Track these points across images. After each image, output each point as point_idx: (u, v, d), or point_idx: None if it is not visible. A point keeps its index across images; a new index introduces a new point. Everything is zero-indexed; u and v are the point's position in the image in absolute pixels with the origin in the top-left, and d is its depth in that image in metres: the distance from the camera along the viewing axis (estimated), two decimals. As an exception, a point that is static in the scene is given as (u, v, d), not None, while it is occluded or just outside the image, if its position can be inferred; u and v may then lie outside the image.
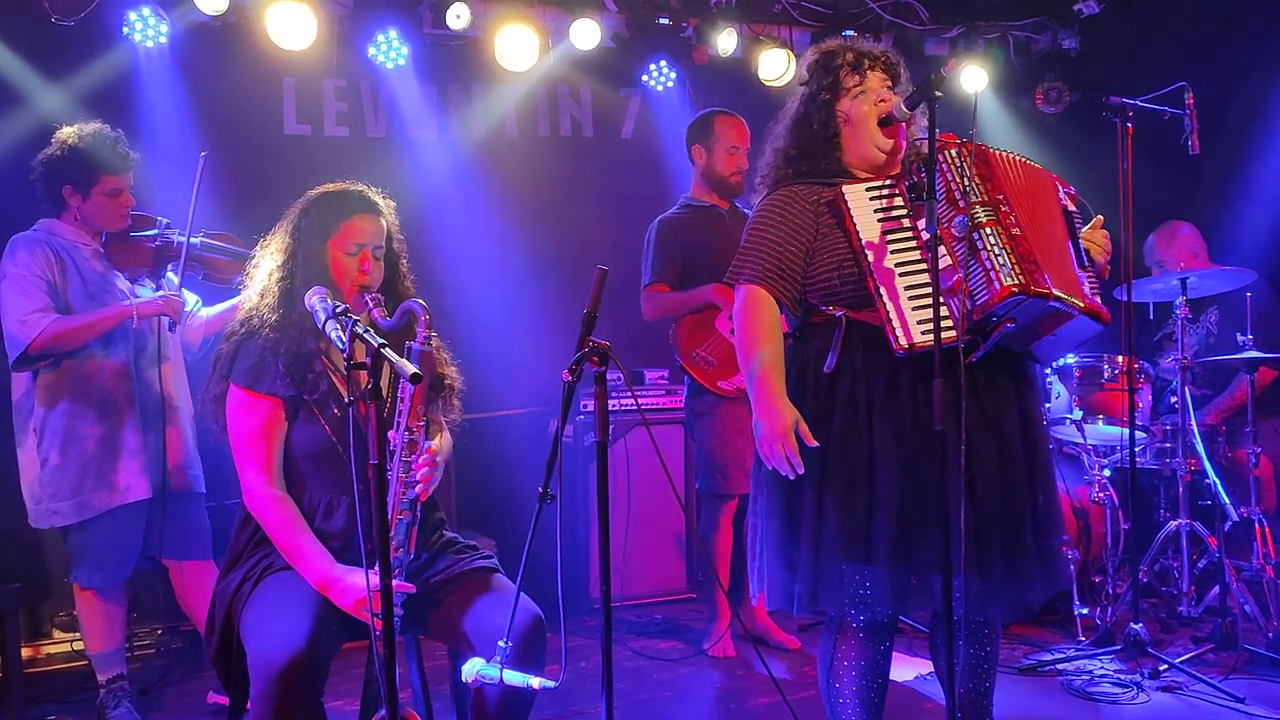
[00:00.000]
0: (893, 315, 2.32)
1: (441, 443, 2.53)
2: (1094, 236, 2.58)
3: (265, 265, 2.52)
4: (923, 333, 2.28)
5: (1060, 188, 2.57)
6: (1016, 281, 2.26)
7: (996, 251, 2.30)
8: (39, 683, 3.89)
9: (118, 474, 3.33)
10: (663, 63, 5.25)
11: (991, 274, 2.28)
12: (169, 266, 3.43)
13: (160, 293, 3.28)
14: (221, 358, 2.47)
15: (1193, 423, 4.14)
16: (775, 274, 2.46)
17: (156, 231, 3.47)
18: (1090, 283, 2.48)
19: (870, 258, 2.37)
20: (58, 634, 4.27)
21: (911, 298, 2.33)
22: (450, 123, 5.19)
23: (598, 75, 5.39)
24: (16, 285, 3.23)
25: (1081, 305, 2.37)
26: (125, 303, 3.26)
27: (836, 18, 5.45)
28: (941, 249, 2.32)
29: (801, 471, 2.33)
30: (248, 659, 2.24)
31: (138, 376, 3.37)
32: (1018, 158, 2.53)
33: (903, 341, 2.30)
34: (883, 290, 2.34)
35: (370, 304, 2.35)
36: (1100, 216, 2.63)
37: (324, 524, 2.43)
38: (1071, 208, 2.57)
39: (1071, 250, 2.50)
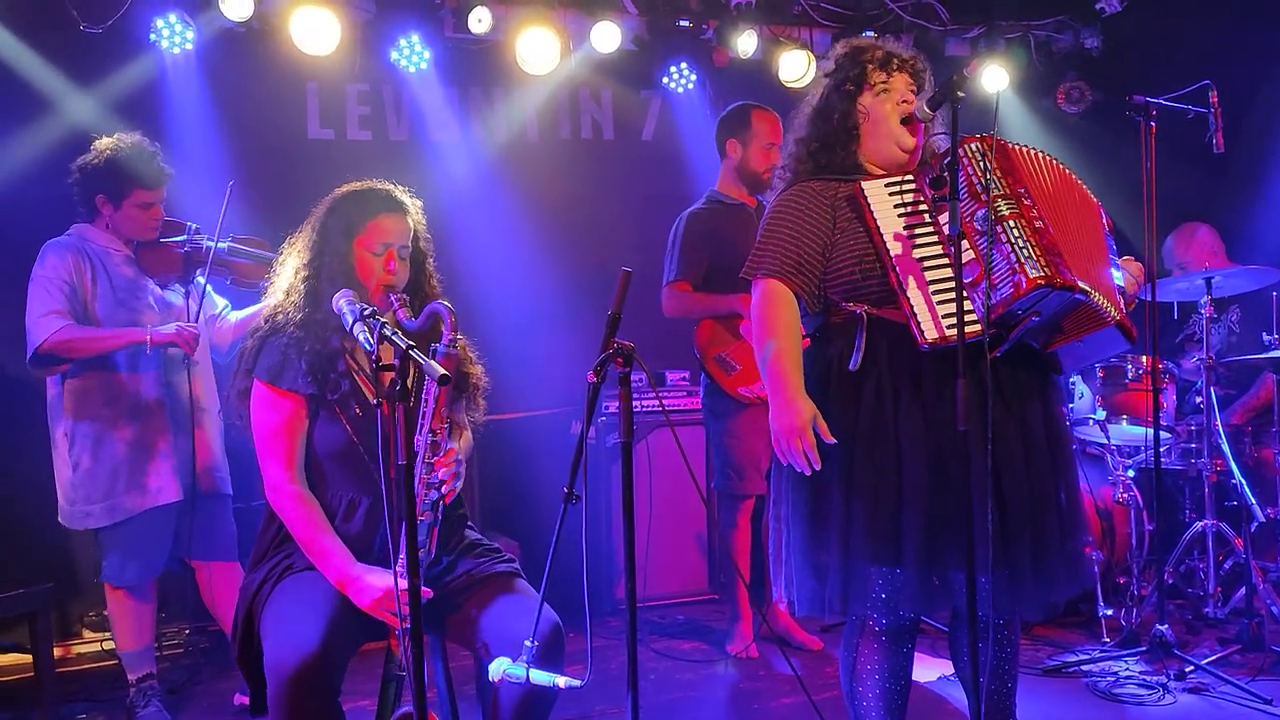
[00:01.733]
0: (918, 310, 2.30)
1: (462, 443, 2.55)
2: (1127, 266, 2.58)
3: (291, 263, 2.53)
4: (948, 327, 2.26)
5: (1103, 212, 2.56)
6: (1043, 274, 2.24)
7: (1021, 244, 2.27)
8: (70, 682, 3.94)
9: (149, 476, 3.38)
10: (683, 65, 5.27)
11: (1016, 267, 2.25)
12: (198, 271, 3.48)
13: (177, 324, 3.32)
14: (246, 353, 2.48)
15: (1218, 422, 4.12)
16: (794, 268, 2.43)
17: (185, 238, 3.51)
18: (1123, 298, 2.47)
19: (892, 253, 2.36)
20: (88, 634, 4.32)
21: (936, 292, 2.31)
22: (472, 126, 5.22)
23: (618, 78, 5.41)
24: (38, 287, 3.31)
25: (1117, 315, 2.36)
26: (141, 329, 3.30)
27: (857, 19, 5.44)
28: (964, 243, 2.31)
29: (819, 468, 2.31)
30: (265, 661, 2.25)
31: (167, 381, 3.42)
32: (1047, 158, 2.50)
33: (929, 335, 2.28)
34: (906, 285, 2.32)
35: (395, 304, 2.34)
36: (1132, 258, 2.62)
37: (344, 525, 2.44)
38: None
39: (1111, 261, 2.49)
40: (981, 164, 2.37)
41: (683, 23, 5.18)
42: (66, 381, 3.38)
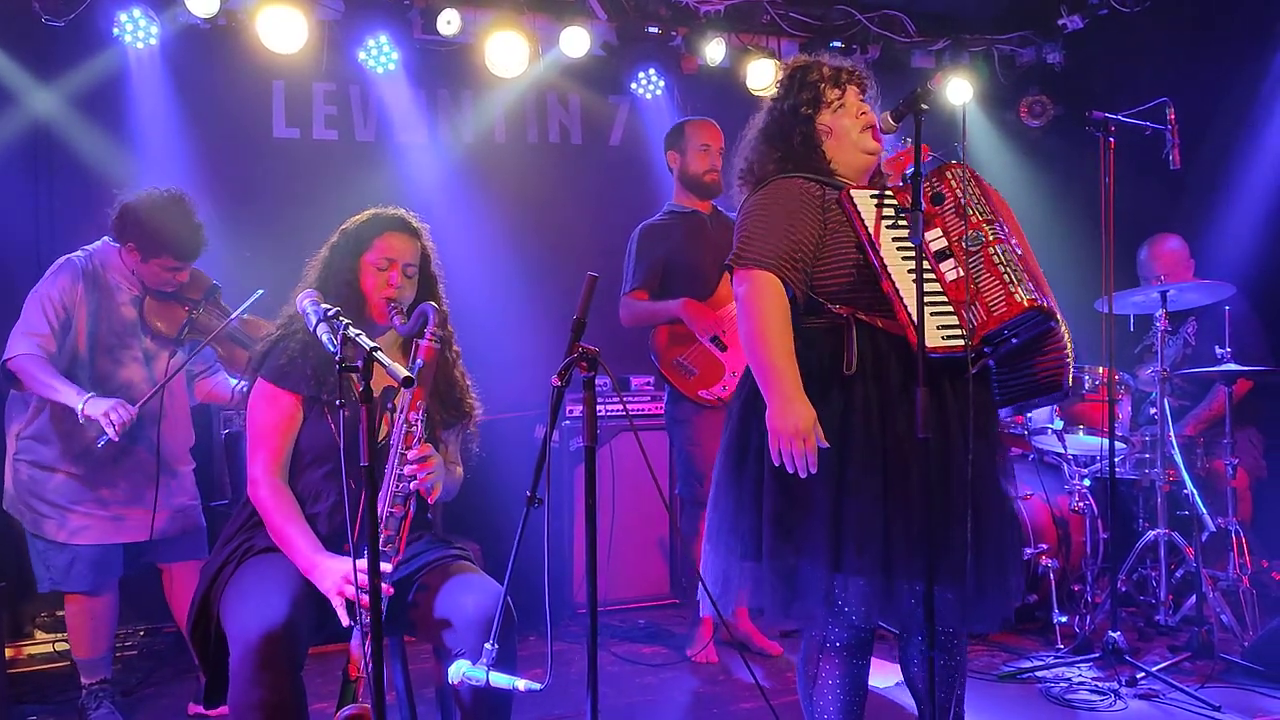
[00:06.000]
0: (917, 321, 2.29)
1: (454, 473, 2.67)
2: None
3: (307, 277, 2.63)
4: (945, 338, 2.33)
5: None
6: (1032, 296, 2.32)
7: (1014, 268, 2.35)
8: (20, 683, 3.87)
9: (73, 515, 3.30)
10: (651, 71, 5.29)
11: (1010, 289, 2.33)
12: (186, 335, 3.42)
13: (115, 403, 3.17)
14: (255, 356, 2.62)
15: (1171, 434, 4.19)
16: (788, 261, 2.38)
17: (199, 298, 3.45)
18: None
19: (888, 264, 2.38)
20: (39, 634, 4.25)
21: (927, 304, 2.33)
22: (439, 128, 5.21)
23: (587, 83, 5.42)
24: (34, 303, 3.26)
25: (1070, 355, 2.43)
26: (78, 395, 3.18)
27: (824, 29, 5.50)
28: (952, 261, 2.37)
29: (815, 471, 2.29)
30: (228, 633, 2.31)
31: (134, 433, 3.32)
32: (1000, 196, 2.57)
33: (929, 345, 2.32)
34: (903, 296, 2.34)
35: (392, 312, 2.49)
36: None
37: (312, 519, 2.51)
38: None
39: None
40: (967, 187, 2.42)
41: (652, 29, 5.20)
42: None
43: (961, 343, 2.32)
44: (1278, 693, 3.58)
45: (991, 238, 2.38)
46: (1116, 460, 3.94)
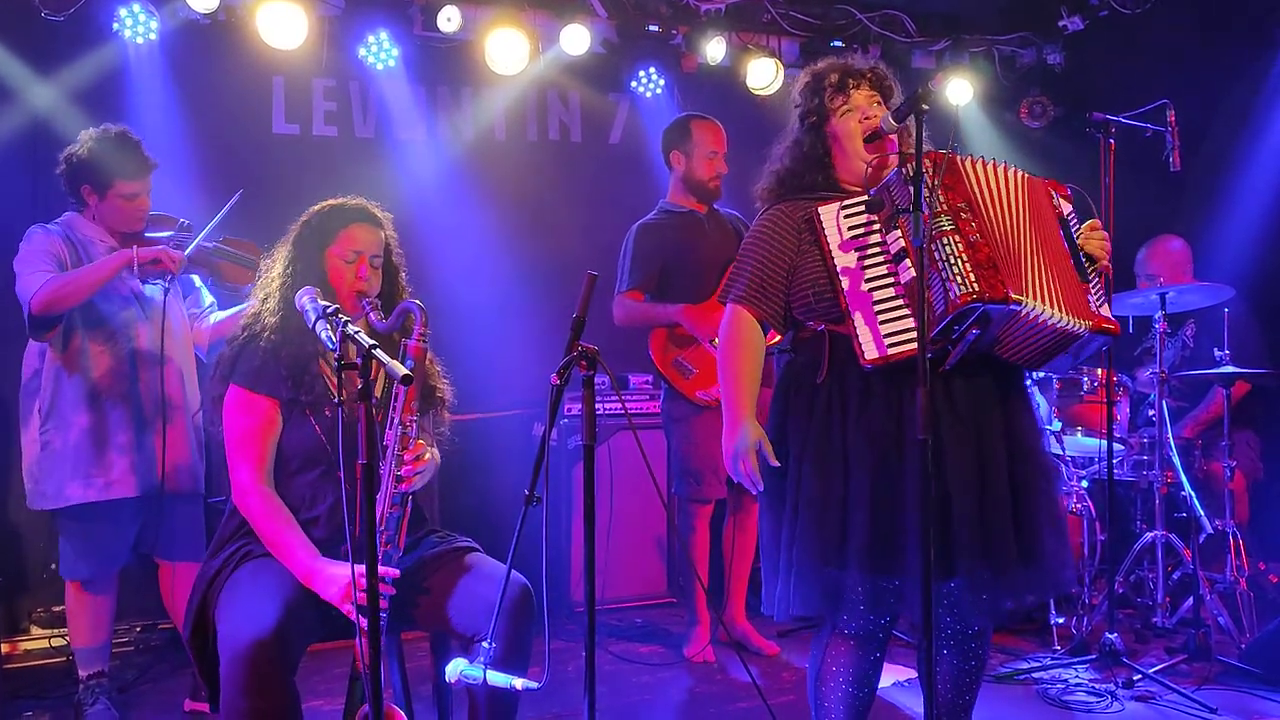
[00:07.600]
0: (860, 330, 2.35)
1: (431, 454, 2.58)
2: (1092, 236, 2.56)
3: (270, 273, 2.61)
4: (890, 345, 2.32)
5: (1054, 194, 2.55)
6: (970, 289, 2.26)
7: (952, 260, 2.30)
8: (16, 678, 3.88)
9: (99, 469, 3.32)
10: (652, 69, 5.29)
11: (947, 284, 2.29)
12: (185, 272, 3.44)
13: (164, 246, 3.29)
14: (224, 360, 2.56)
15: (1169, 435, 4.19)
16: (758, 294, 2.50)
17: (171, 233, 3.48)
18: (1096, 294, 2.49)
19: (842, 275, 2.40)
20: (35, 630, 4.25)
21: (880, 311, 2.35)
22: (439, 125, 5.20)
23: (587, 80, 5.41)
24: (26, 260, 3.28)
25: (1068, 318, 2.37)
26: (125, 251, 3.25)
27: (824, 28, 5.49)
28: (907, 262, 2.34)
29: (761, 488, 2.43)
30: (219, 639, 2.30)
31: (134, 375, 3.37)
32: (1001, 166, 2.47)
33: (870, 355, 2.34)
34: (851, 306, 2.38)
35: (367, 307, 2.45)
36: (1097, 220, 2.60)
37: (308, 524, 2.48)
38: (1067, 210, 2.54)
39: (1072, 261, 2.49)
40: (927, 182, 2.38)
41: (652, 28, 5.20)
42: (47, 357, 3.35)
43: (909, 348, 2.28)
44: (1274, 695, 3.59)
45: (949, 227, 2.33)
46: (1114, 462, 3.94)
